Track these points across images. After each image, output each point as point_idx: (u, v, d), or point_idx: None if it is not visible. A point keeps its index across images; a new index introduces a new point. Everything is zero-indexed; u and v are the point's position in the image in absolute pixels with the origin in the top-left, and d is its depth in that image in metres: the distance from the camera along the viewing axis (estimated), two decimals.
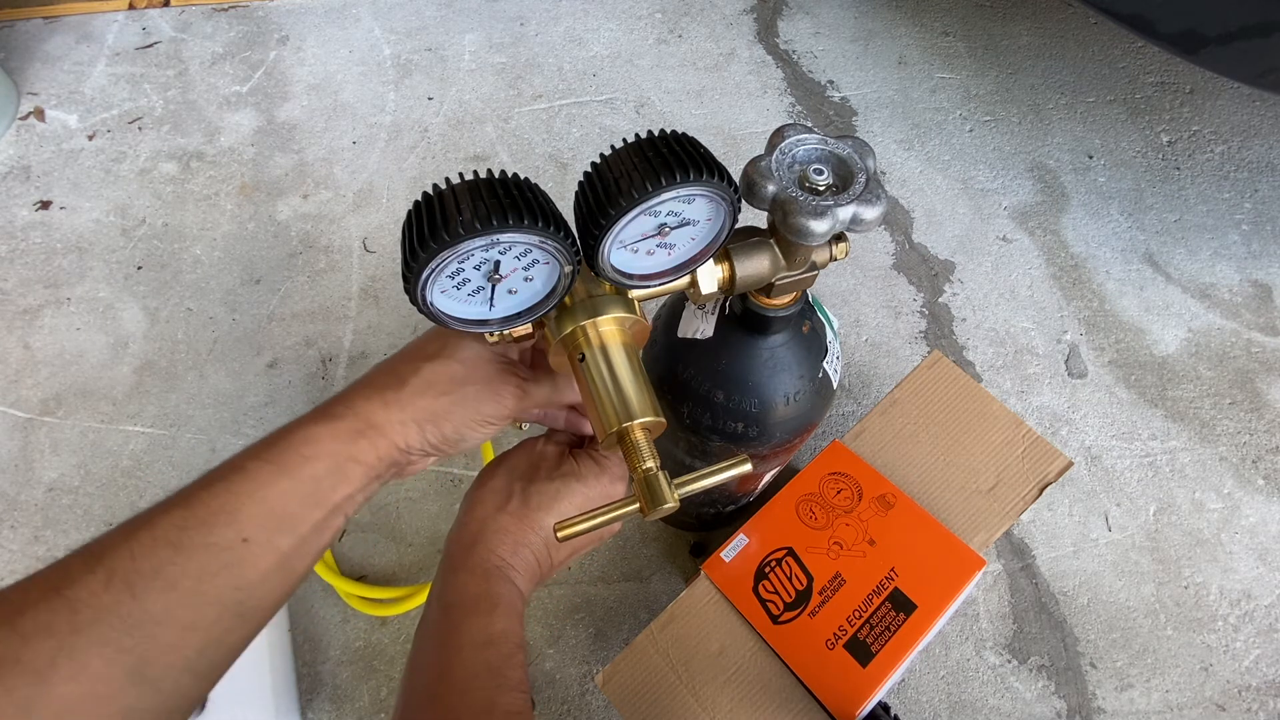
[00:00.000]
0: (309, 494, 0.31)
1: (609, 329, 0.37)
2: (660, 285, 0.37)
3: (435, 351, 0.36)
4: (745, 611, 0.55)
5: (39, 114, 1.06)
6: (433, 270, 0.29)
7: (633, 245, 0.34)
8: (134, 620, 0.24)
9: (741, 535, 0.58)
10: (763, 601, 0.55)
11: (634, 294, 0.38)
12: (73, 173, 1.02)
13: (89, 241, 0.96)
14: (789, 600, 0.55)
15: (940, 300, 0.96)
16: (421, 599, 0.72)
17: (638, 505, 0.34)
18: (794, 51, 1.19)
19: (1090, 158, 1.09)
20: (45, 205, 0.99)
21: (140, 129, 1.06)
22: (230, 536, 0.27)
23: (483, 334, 0.36)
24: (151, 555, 0.25)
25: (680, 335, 0.53)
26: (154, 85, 1.10)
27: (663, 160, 0.30)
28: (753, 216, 0.37)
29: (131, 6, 1.18)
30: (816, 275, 0.43)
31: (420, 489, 0.82)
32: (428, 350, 0.37)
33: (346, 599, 0.74)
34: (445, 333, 0.38)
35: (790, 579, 0.56)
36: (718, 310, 0.50)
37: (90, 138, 1.05)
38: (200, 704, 0.67)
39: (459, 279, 0.31)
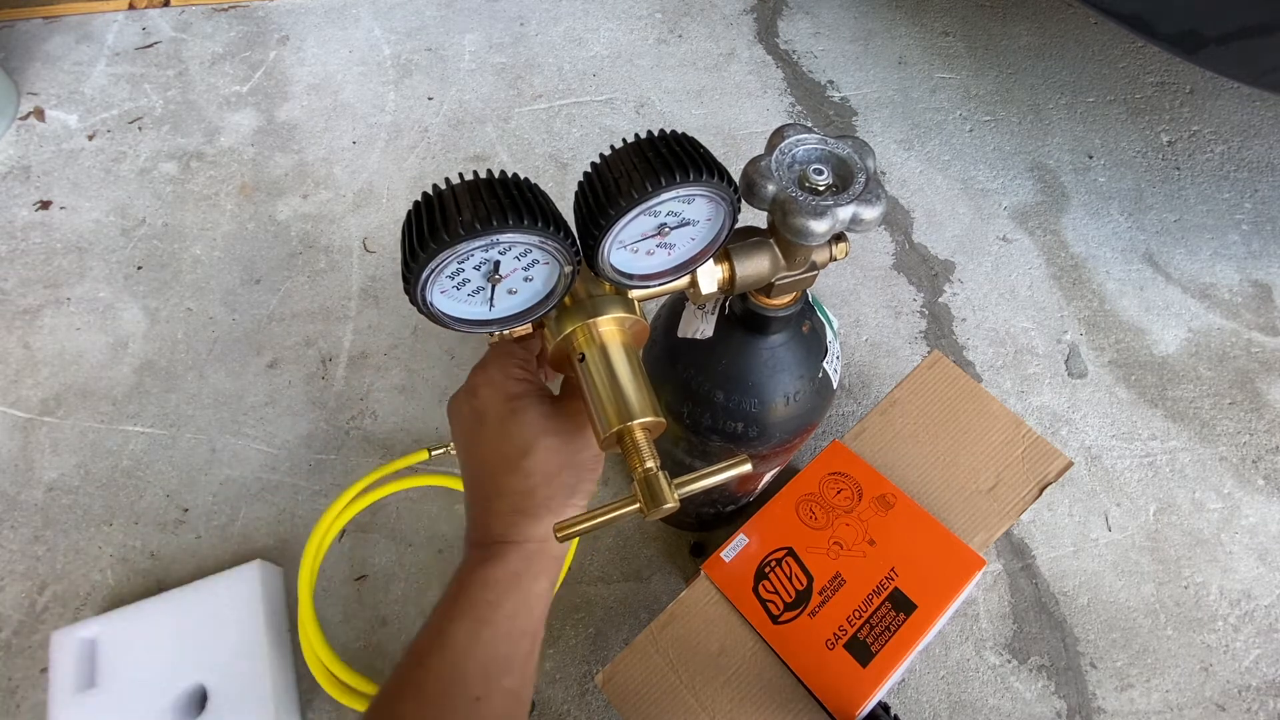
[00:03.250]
0: (510, 634, 0.33)
1: (609, 329, 0.36)
2: (660, 285, 0.37)
3: (515, 450, 0.35)
4: (745, 611, 0.55)
5: (39, 114, 1.06)
6: (432, 270, 0.29)
7: (633, 245, 0.34)
8: None
9: (741, 535, 0.58)
10: (763, 601, 0.55)
11: (634, 294, 0.38)
12: (73, 173, 1.02)
13: (89, 241, 0.96)
14: (789, 600, 0.55)
15: (940, 300, 0.96)
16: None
17: (638, 505, 0.34)
18: (794, 51, 1.19)
19: (1090, 158, 1.09)
20: (45, 205, 0.99)
21: (140, 129, 1.06)
22: (466, 700, 0.30)
23: (534, 400, 0.36)
24: None
25: (680, 335, 0.53)
26: (154, 85, 1.10)
27: (662, 160, 0.30)
28: (753, 216, 0.37)
29: (131, 6, 1.18)
30: (816, 275, 0.43)
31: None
32: (509, 453, 0.36)
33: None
34: (491, 421, 0.36)
35: (790, 579, 0.56)
36: (718, 310, 0.50)
37: (90, 138, 1.05)
38: (201, 703, 0.67)
39: (459, 279, 0.31)
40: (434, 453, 0.81)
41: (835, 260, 0.42)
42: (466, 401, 0.38)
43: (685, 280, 0.38)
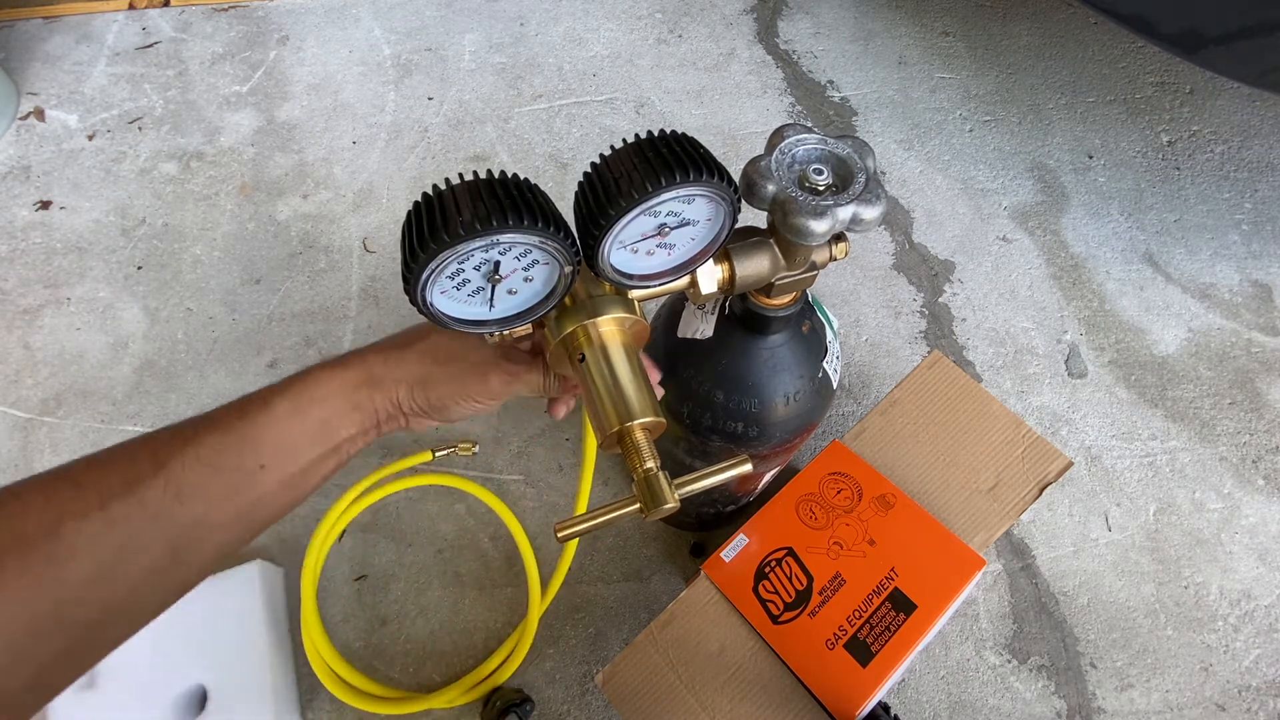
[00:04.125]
0: (316, 432, 0.36)
1: (609, 329, 0.36)
2: (660, 285, 0.37)
3: (426, 329, 0.40)
4: (745, 611, 0.55)
5: (39, 114, 1.06)
6: (432, 271, 0.29)
7: (633, 245, 0.34)
8: (180, 519, 0.32)
9: (741, 535, 0.58)
10: (763, 601, 0.55)
11: (634, 294, 0.38)
12: (73, 173, 1.02)
13: (89, 241, 0.96)
14: (789, 600, 0.55)
15: (940, 300, 0.96)
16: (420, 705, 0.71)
17: (638, 505, 0.34)
18: (794, 51, 1.19)
19: (1090, 158, 1.09)
20: (45, 205, 0.99)
21: (140, 129, 1.06)
22: (252, 463, 0.34)
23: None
24: (196, 472, 0.32)
25: (680, 335, 0.53)
26: (154, 85, 1.10)
27: (662, 160, 0.30)
28: (752, 216, 0.37)
29: (131, 6, 1.18)
30: (816, 275, 0.43)
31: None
32: (421, 329, 0.40)
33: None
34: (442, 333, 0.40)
35: (790, 579, 0.56)
36: (717, 310, 0.50)
37: (90, 138, 1.05)
38: (201, 703, 0.67)
39: (459, 279, 0.31)
40: (438, 454, 0.81)
41: (835, 260, 0.42)
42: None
43: (685, 280, 0.38)
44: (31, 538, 0.28)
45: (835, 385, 0.56)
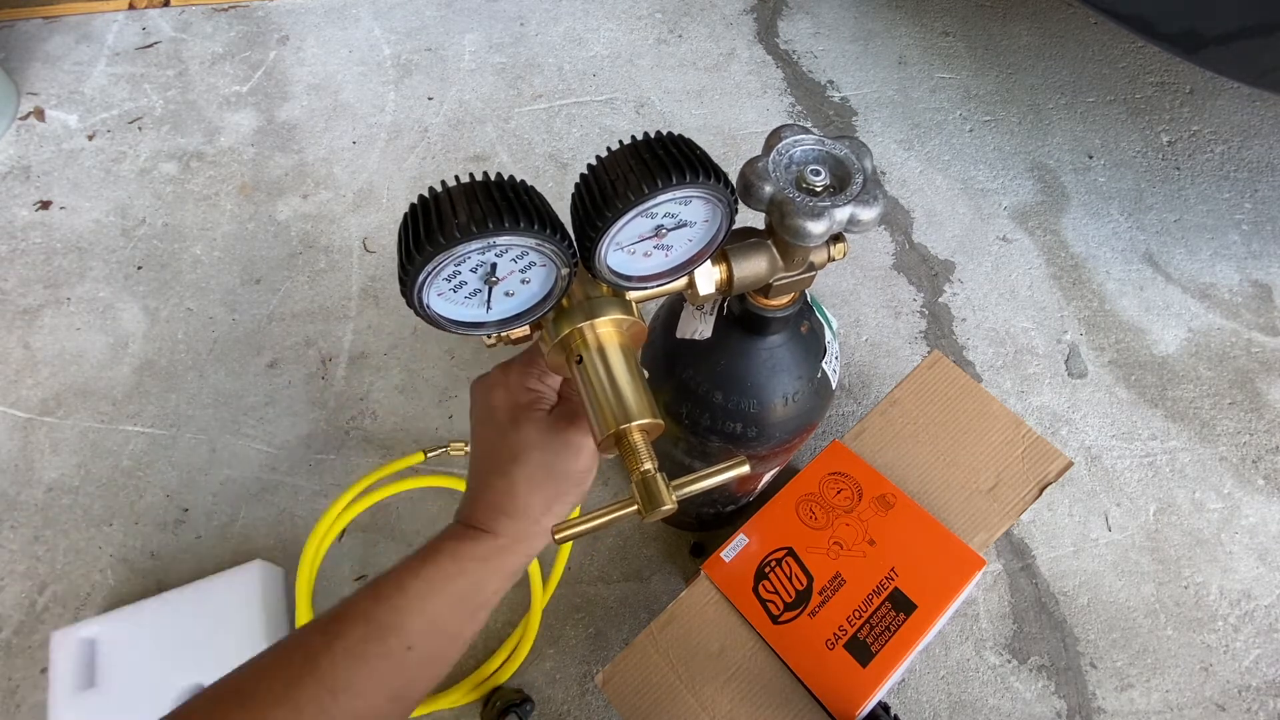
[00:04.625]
0: (458, 605, 0.37)
1: (606, 330, 0.36)
2: (658, 287, 0.37)
3: (507, 455, 0.39)
4: (745, 611, 0.55)
5: (39, 114, 1.06)
6: (429, 273, 0.29)
7: (630, 247, 0.34)
8: (337, 714, 0.33)
9: (741, 535, 0.58)
10: (763, 601, 0.55)
11: (631, 295, 0.38)
12: (73, 173, 1.02)
13: (89, 241, 0.96)
14: (789, 600, 0.55)
15: (940, 300, 0.96)
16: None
17: (635, 507, 0.34)
18: (794, 51, 1.19)
19: (1090, 158, 1.09)
20: (45, 205, 0.99)
21: (140, 129, 1.06)
22: (399, 646, 0.35)
23: (536, 413, 0.38)
24: (345, 667, 0.33)
25: (679, 336, 0.53)
26: (154, 85, 1.10)
27: (659, 162, 0.30)
28: (751, 217, 0.37)
29: (131, 6, 1.18)
30: (815, 276, 0.43)
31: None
32: (503, 456, 0.39)
33: None
34: (496, 421, 0.39)
35: (790, 579, 0.56)
36: (716, 311, 0.50)
37: (90, 138, 1.05)
38: None
39: (455, 282, 0.31)
40: (430, 455, 0.80)
41: (834, 260, 0.42)
42: (483, 394, 0.41)
43: (683, 281, 0.38)
44: None
45: (835, 385, 0.56)
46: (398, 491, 0.81)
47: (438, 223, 0.28)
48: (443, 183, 0.30)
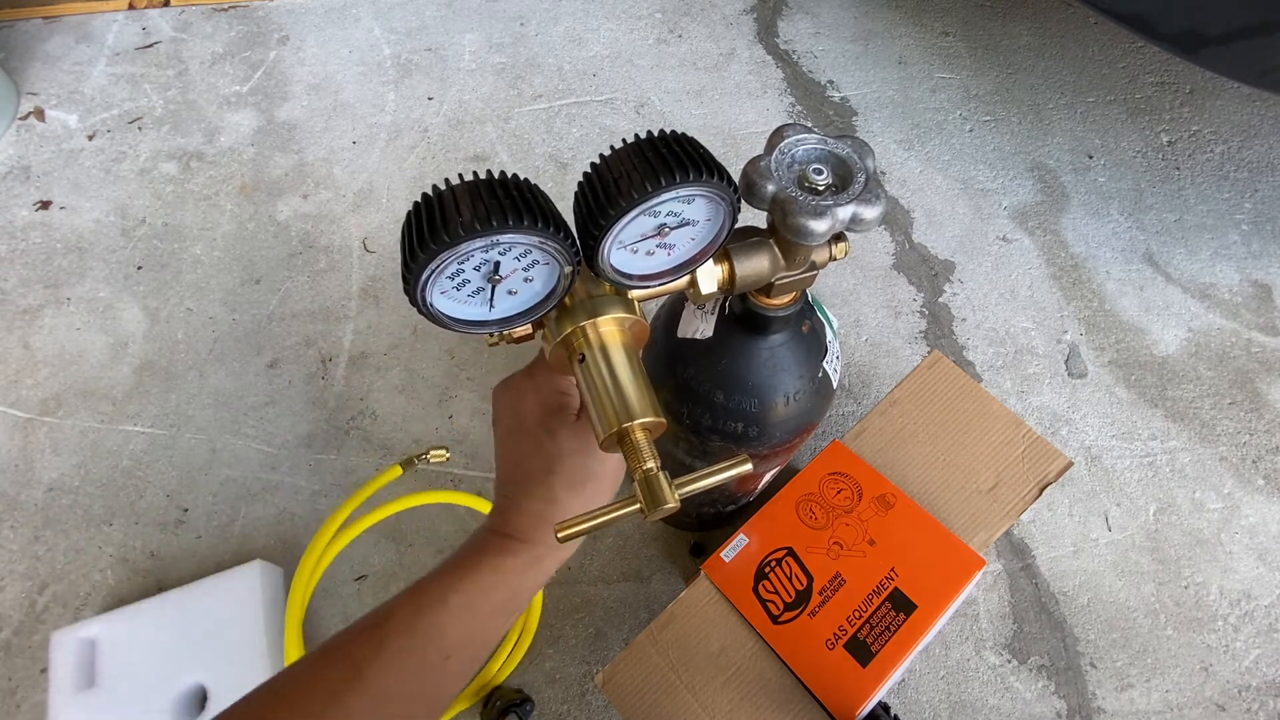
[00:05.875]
0: (496, 614, 0.38)
1: (609, 329, 0.36)
2: (660, 285, 0.37)
3: (544, 463, 0.39)
4: (745, 611, 0.55)
5: (39, 114, 1.06)
6: (432, 271, 0.29)
7: (632, 245, 0.34)
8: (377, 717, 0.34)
9: (741, 535, 0.58)
10: (763, 601, 0.55)
11: (634, 294, 0.38)
12: (73, 173, 1.02)
13: (89, 241, 0.96)
14: (789, 600, 0.55)
15: (940, 300, 0.96)
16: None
17: (638, 506, 0.34)
18: (794, 51, 1.19)
19: (1090, 158, 1.09)
20: (45, 205, 0.99)
21: (140, 129, 1.06)
22: (436, 657, 0.36)
23: (567, 416, 0.38)
24: (388, 676, 0.34)
25: (680, 335, 0.53)
26: (154, 85, 1.10)
27: (662, 160, 0.30)
28: (752, 216, 0.37)
29: (131, 6, 1.18)
30: (816, 275, 0.43)
31: (420, 489, 0.82)
32: (539, 464, 0.39)
33: None
34: (527, 429, 0.39)
35: (790, 579, 0.56)
36: (717, 310, 0.50)
37: (90, 138, 1.05)
38: (201, 703, 0.67)
39: (459, 280, 0.31)
40: (418, 460, 0.78)
41: (835, 260, 0.42)
42: (510, 401, 0.40)
43: (685, 280, 0.38)
44: None
45: (835, 385, 0.56)
46: (392, 514, 0.79)
47: (441, 221, 0.28)
48: (446, 181, 0.30)
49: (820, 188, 0.36)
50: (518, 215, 0.28)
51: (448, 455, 0.79)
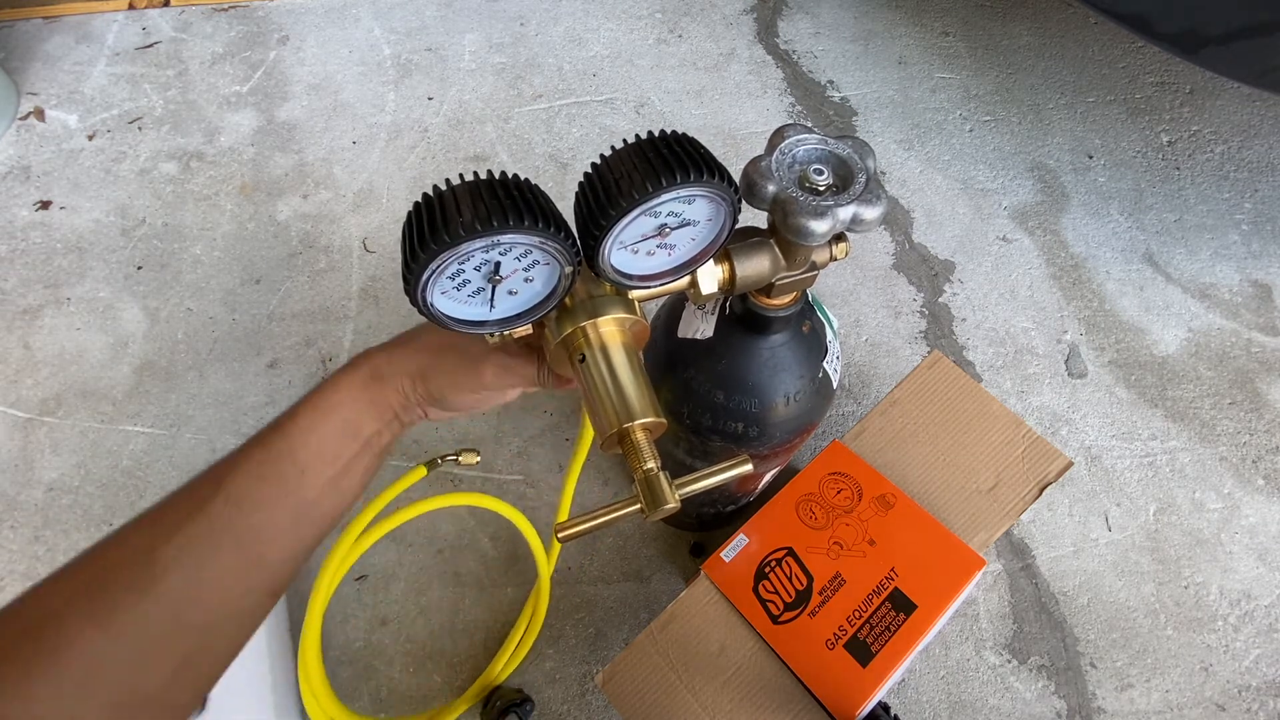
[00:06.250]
0: (341, 432, 0.39)
1: (609, 329, 0.36)
2: (660, 286, 0.37)
3: (434, 332, 0.41)
4: (745, 611, 0.55)
5: (39, 114, 1.06)
6: (433, 271, 0.29)
7: (633, 246, 0.34)
8: (242, 526, 0.35)
9: (741, 535, 0.58)
10: (763, 601, 0.55)
11: (634, 294, 0.38)
12: (73, 173, 1.02)
13: (89, 241, 0.96)
14: (789, 600, 0.55)
15: (940, 300, 0.96)
16: None
17: (639, 506, 0.34)
18: (794, 51, 1.19)
19: (1090, 158, 1.09)
20: (45, 205, 0.99)
21: (140, 129, 1.06)
22: (291, 470, 0.37)
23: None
24: (247, 485, 0.36)
25: (680, 335, 0.53)
26: (154, 85, 1.10)
27: (663, 161, 0.30)
28: (753, 216, 0.37)
29: (131, 6, 1.18)
30: (816, 275, 0.43)
31: (420, 489, 0.81)
32: (428, 340, 0.42)
33: None
34: (448, 339, 0.41)
35: (790, 579, 0.56)
36: (718, 310, 0.50)
37: (90, 138, 1.05)
38: (201, 703, 0.67)
39: (459, 280, 0.31)
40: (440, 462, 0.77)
41: (835, 260, 0.42)
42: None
43: (685, 280, 0.38)
44: (131, 563, 0.33)
45: (835, 385, 0.56)
46: (399, 494, 0.78)
47: (442, 221, 0.28)
48: (447, 181, 0.30)
49: (821, 188, 0.36)
50: (518, 215, 0.28)
51: (478, 459, 0.78)
